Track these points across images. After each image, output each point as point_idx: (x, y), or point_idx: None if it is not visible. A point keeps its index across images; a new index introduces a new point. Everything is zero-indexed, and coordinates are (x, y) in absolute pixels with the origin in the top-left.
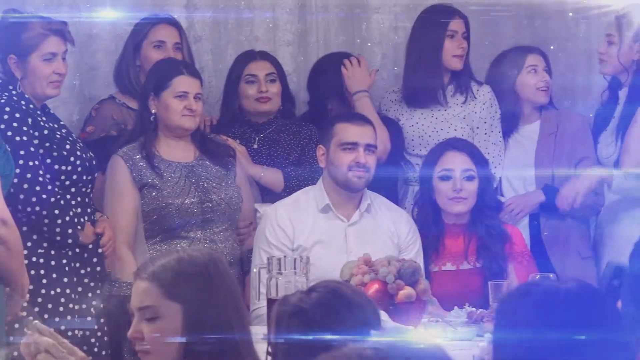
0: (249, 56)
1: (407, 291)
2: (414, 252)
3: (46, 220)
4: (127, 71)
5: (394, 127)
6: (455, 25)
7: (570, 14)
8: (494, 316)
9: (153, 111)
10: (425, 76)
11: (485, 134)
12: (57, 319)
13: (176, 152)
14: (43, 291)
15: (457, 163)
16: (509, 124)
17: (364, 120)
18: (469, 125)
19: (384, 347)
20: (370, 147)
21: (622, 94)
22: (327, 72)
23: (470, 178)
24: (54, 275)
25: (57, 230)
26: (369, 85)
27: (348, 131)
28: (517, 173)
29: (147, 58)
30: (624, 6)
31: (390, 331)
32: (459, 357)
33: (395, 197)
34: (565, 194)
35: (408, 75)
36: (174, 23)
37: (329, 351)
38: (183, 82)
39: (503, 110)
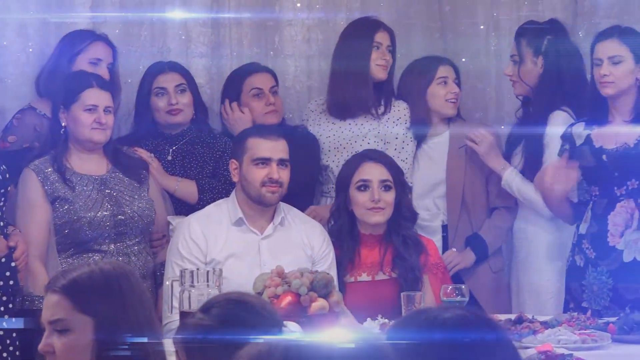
0: (157, 68)
1: (319, 303)
2: (327, 264)
3: None
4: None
5: (311, 141)
6: (380, 37)
7: (482, 27)
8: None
9: (63, 124)
10: (351, 87)
11: (396, 149)
12: None
13: (88, 165)
14: None
15: (374, 174)
16: (418, 135)
17: (277, 134)
18: (382, 139)
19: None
20: (283, 162)
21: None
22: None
23: (387, 188)
24: None
25: None
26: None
27: (261, 146)
28: (426, 188)
29: None
30: (521, 24)
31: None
32: None
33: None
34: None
35: (334, 86)
36: (110, 43)
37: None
38: (92, 95)
39: (412, 120)
